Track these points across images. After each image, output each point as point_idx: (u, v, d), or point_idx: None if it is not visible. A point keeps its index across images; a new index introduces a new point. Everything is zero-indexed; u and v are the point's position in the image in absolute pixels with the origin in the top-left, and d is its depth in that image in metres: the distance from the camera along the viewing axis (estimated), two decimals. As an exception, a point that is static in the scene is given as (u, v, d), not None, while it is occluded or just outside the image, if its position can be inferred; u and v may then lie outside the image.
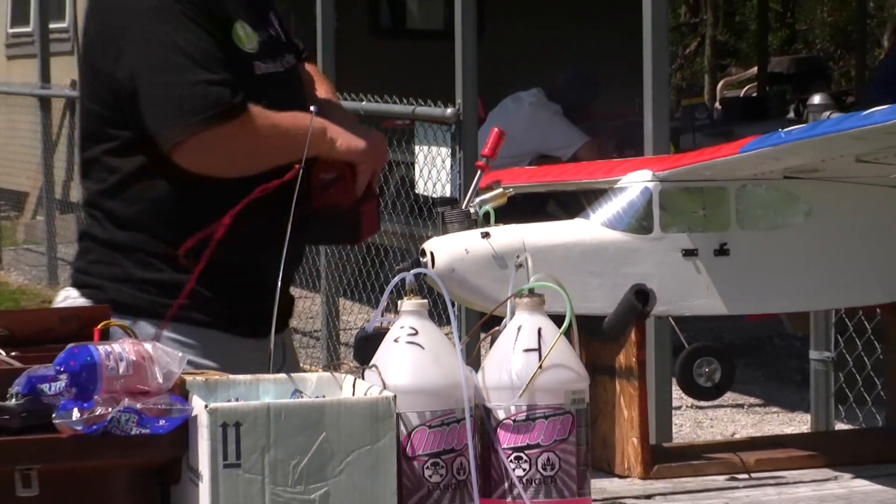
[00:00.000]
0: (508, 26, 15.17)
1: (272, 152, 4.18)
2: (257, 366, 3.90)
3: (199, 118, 4.15)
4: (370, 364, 3.23)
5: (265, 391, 3.26)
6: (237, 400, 3.14)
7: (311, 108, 4.06)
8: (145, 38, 4.27)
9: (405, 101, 8.85)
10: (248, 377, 3.38)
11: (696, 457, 3.80)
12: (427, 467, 3.16)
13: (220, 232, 4.07)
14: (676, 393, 7.74)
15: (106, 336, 3.30)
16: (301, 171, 4.11)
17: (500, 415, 3.24)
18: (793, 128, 3.58)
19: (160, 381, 3.15)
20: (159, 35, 4.25)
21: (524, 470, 3.22)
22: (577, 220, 3.69)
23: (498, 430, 3.23)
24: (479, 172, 3.89)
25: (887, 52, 13.73)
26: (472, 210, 3.68)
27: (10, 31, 17.68)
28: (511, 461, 3.23)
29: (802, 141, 3.52)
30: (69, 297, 4.44)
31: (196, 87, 4.18)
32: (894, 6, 26.99)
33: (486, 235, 3.57)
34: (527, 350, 3.25)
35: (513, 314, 3.32)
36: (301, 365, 5.13)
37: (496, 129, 3.96)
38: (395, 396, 3.08)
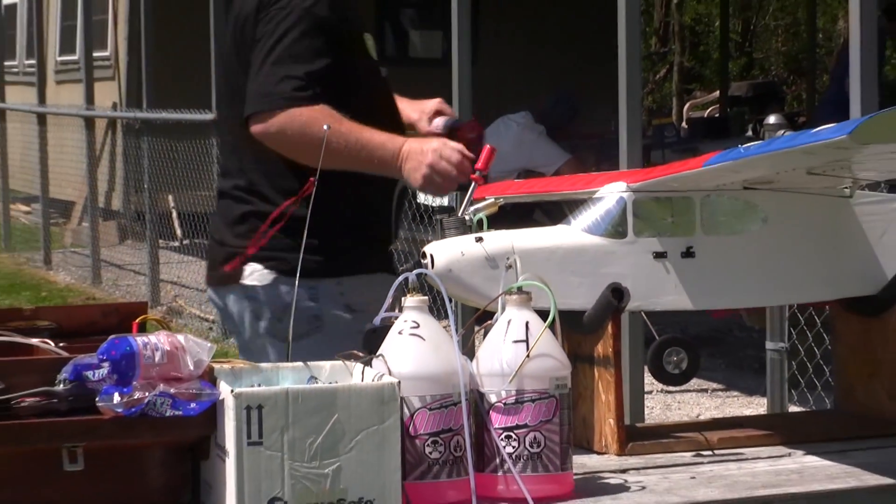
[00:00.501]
0: (500, 55, 15.16)
1: (328, 153, 4.07)
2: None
3: (269, 101, 4.27)
4: (377, 353, 3.24)
5: (284, 377, 3.26)
6: (259, 385, 3.14)
7: (325, 126, 4.06)
8: (267, 29, 4.36)
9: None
10: (268, 365, 3.39)
11: (665, 436, 3.80)
12: (427, 445, 3.16)
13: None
14: (648, 379, 7.74)
15: (143, 328, 3.31)
16: (315, 183, 4.11)
17: (493, 398, 3.24)
18: (750, 144, 3.57)
19: (191, 368, 3.15)
20: (276, 32, 4.33)
21: (513, 447, 3.23)
22: (560, 227, 3.69)
23: (490, 412, 3.24)
24: (473, 184, 3.89)
25: (830, 77, 13.60)
26: (467, 217, 3.68)
27: (59, 58, 17.65)
28: (502, 439, 3.23)
29: (759, 156, 3.52)
30: (255, 271, 4.47)
31: (277, 79, 4.28)
32: (840, 37, 27.03)
33: (479, 240, 3.56)
34: (516, 341, 3.25)
35: (503, 309, 3.33)
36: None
37: (489, 147, 3.96)
38: (399, 382, 3.09)
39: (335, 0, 4.37)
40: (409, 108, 4.64)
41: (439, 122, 4.39)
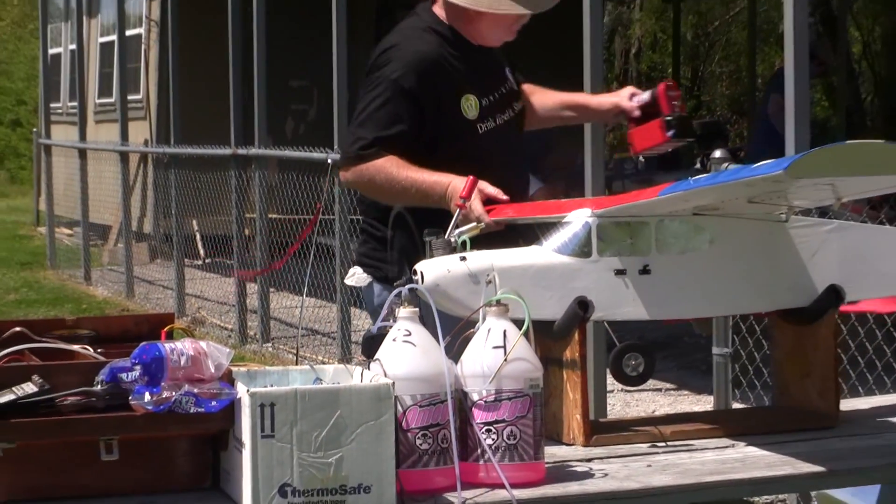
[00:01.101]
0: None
1: (392, 194, 4.33)
2: None
3: (346, 158, 4.50)
4: (374, 358, 3.24)
5: (293, 379, 3.26)
6: (272, 385, 3.14)
7: (329, 159, 4.07)
8: (362, 96, 4.49)
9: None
10: (279, 368, 3.39)
11: (625, 429, 3.80)
12: (418, 437, 3.16)
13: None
14: (609, 380, 7.75)
15: (170, 336, 3.30)
16: (320, 209, 4.10)
17: (475, 397, 3.24)
18: (699, 177, 3.58)
19: (213, 370, 3.16)
20: (366, 99, 4.44)
21: (493, 439, 3.22)
22: (534, 247, 3.69)
23: (473, 408, 3.23)
24: (458, 211, 3.89)
25: (759, 116, 13.41)
26: (452, 239, 3.68)
27: (98, 101, 17.64)
28: (483, 433, 3.23)
29: (706, 187, 3.52)
30: (356, 273, 4.61)
31: (353, 139, 4.44)
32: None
33: (463, 259, 3.56)
34: (495, 347, 3.25)
35: (484, 319, 3.33)
36: (321, 360, 5.12)
37: (471, 177, 3.96)
38: (393, 383, 3.09)
39: (424, 72, 4.35)
40: (610, 98, 4.64)
41: (645, 95, 4.41)
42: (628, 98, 4.49)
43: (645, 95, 4.41)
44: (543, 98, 4.77)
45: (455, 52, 4.45)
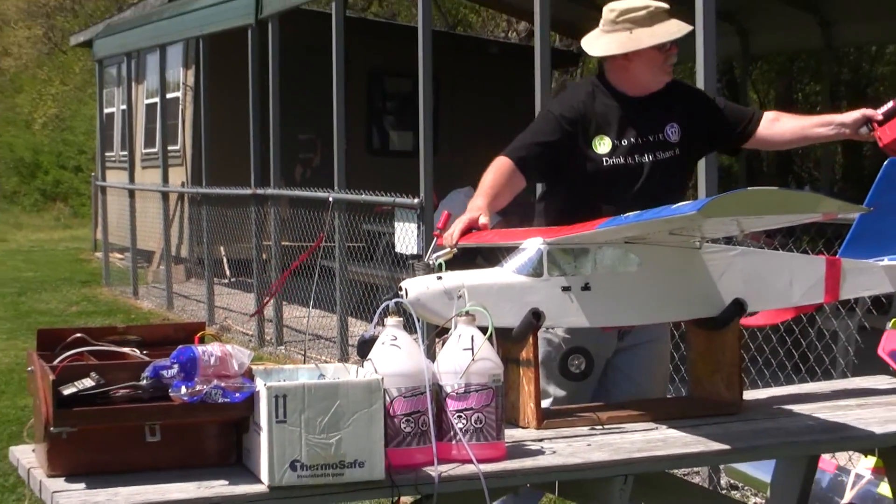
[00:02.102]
0: (454, 147, 15.16)
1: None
2: None
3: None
4: (367, 358, 3.23)
5: (302, 375, 3.26)
6: (284, 381, 3.14)
7: (330, 198, 4.07)
8: None
9: (389, 194, 8.85)
10: (290, 367, 3.38)
11: (569, 415, 3.79)
12: (402, 422, 3.16)
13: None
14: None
15: (202, 340, 3.30)
16: (322, 237, 4.11)
17: (448, 389, 3.24)
18: (630, 214, 3.59)
19: (237, 368, 3.16)
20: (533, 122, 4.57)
21: (463, 424, 3.22)
22: (496, 269, 3.69)
23: (447, 399, 3.24)
24: (434, 239, 3.89)
25: None
26: (430, 262, 3.68)
27: (143, 151, 17.62)
28: (455, 418, 3.23)
29: (635, 223, 3.53)
30: None
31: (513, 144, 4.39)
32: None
33: (439, 278, 3.56)
34: (465, 349, 3.26)
35: (456, 326, 3.33)
36: (324, 360, 5.07)
37: (446, 212, 3.97)
38: (382, 378, 3.09)
39: (572, 108, 4.37)
40: (854, 113, 4.36)
41: (888, 105, 4.24)
42: (860, 119, 4.34)
43: (888, 105, 4.26)
44: (791, 121, 4.54)
45: (607, 101, 4.39)
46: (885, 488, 4.48)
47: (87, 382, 3.12)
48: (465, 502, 3.34)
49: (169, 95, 16.35)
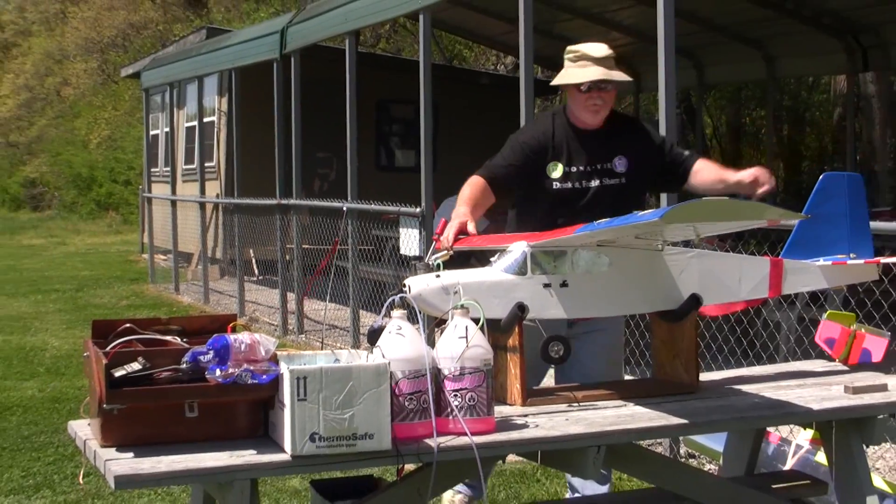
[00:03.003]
0: (451, 164, 15.13)
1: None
2: None
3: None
4: (376, 345, 3.24)
5: (320, 360, 3.25)
6: (305, 364, 3.14)
7: (344, 207, 4.07)
8: None
9: (395, 204, 8.84)
10: (310, 353, 3.38)
11: (550, 394, 3.80)
12: (406, 400, 3.17)
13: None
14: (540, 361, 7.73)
15: (234, 330, 3.30)
16: (337, 242, 4.11)
17: (446, 372, 3.25)
18: (601, 221, 3.59)
19: (264, 354, 3.16)
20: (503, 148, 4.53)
21: (458, 401, 3.23)
22: (487, 268, 3.69)
23: (444, 380, 3.24)
24: (433, 243, 3.89)
25: None
26: (430, 263, 3.69)
27: (184, 166, 17.60)
28: (451, 397, 3.23)
29: (606, 228, 3.54)
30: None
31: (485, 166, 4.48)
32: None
33: (438, 276, 3.56)
34: (460, 337, 3.26)
35: (452, 318, 3.34)
36: (339, 347, 5.07)
37: (443, 220, 3.97)
38: (389, 363, 3.10)
39: (534, 138, 4.44)
40: (739, 176, 4.36)
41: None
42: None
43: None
44: (706, 175, 4.46)
45: (565, 132, 4.43)
46: (821, 457, 4.48)
47: (135, 366, 3.13)
48: (460, 469, 3.35)
49: (206, 119, 16.37)
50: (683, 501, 4.08)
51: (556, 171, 4.39)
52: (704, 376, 4.04)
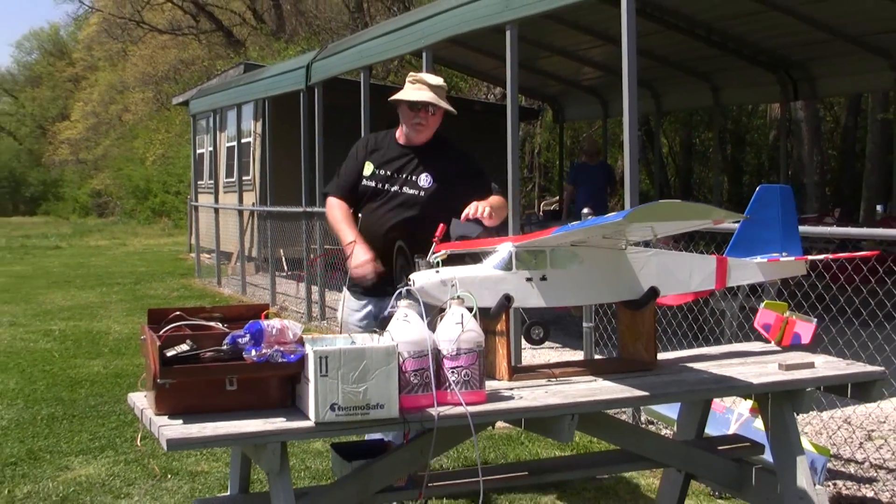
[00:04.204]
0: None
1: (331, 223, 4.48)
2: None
3: (325, 192, 4.57)
4: (386, 330, 3.23)
5: (339, 342, 3.24)
6: (326, 346, 3.13)
7: (359, 214, 4.07)
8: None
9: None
10: (330, 336, 3.37)
11: (532, 371, 3.79)
12: (411, 376, 3.16)
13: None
14: (523, 343, 7.74)
15: (267, 317, 3.29)
16: (354, 243, 4.10)
17: (444, 352, 3.23)
18: (574, 223, 3.59)
19: (292, 337, 3.15)
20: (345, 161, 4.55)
21: (456, 377, 3.21)
22: (479, 265, 3.68)
23: (443, 359, 3.23)
24: (433, 244, 3.89)
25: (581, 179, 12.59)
26: (431, 261, 3.68)
27: (225, 179, 17.59)
28: (449, 373, 3.22)
29: (577, 229, 3.53)
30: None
31: (331, 182, 4.56)
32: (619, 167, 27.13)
33: (438, 272, 3.56)
34: (456, 323, 3.25)
35: (450, 307, 3.33)
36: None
37: (442, 225, 3.96)
38: (397, 344, 3.09)
39: (364, 144, 4.50)
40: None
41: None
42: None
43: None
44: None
45: (388, 143, 4.48)
46: (759, 423, 4.48)
47: (184, 347, 3.12)
48: (456, 434, 3.34)
49: (243, 140, 16.37)
50: (644, 460, 4.08)
51: (367, 170, 4.45)
52: (662, 356, 4.04)
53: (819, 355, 4.12)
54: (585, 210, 6.51)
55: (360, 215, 4.48)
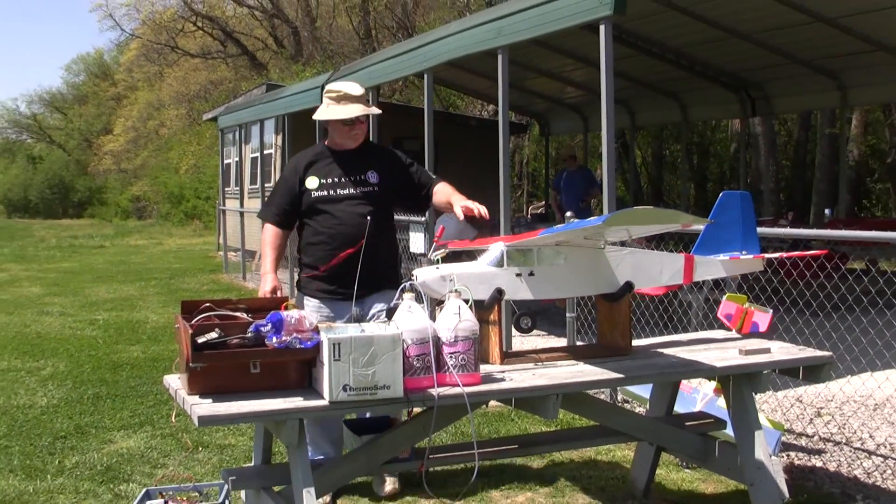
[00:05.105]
0: (448, 182, 15.11)
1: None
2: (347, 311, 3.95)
3: (259, 216, 4.33)
4: (392, 320, 3.22)
5: (350, 330, 3.23)
6: (339, 334, 3.12)
7: (367, 217, 3.98)
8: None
9: (406, 215, 8.82)
10: (342, 324, 3.36)
11: (521, 356, 3.79)
12: (414, 360, 3.15)
13: (328, 266, 4.07)
14: (513, 331, 7.73)
15: (286, 308, 3.29)
16: (362, 244, 4.07)
17: (444, 339, 3.23)
18: (558, 226, 3.58)
19: (308, 326, 3.14)
20: (278, 182, 4.35)
21: (453, 361, 3.21)
22: (474, 262, 3.68)
23: (443, 345, 3.22)
24: (434, 243, 3.88)
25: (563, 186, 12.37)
26: (432, 258, 3.67)
27: (249, 187, 17.57)
28: (448, 357, 3.22)
29: (561, 231, 3.52)
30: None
31: (265, 206, 4.33)
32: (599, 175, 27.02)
33: (437, 268, 3.55)
34: (454, 314, 3.24)
35: (448, 299, 3.32)
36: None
37: (441, 226, 3.96)
38: (401, 332, 3.07)
39: (296, 163, 4.27)
40: (456, 201, 4.15)
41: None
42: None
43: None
44: (439, 197, 4.34)
45: (323, 154, 4.29)
46: (721, 402, 4.47)
47: (213, 335, 3.12)
48: (454, 412, 3.33)
49: (265, 152, 16.35)
50: (620, 435, 4.08)
51: (313, 184, 4.23)
52: (636, 342, 4.04)
53: (774, 342, 4.12)
54: (569, 213, 6.51)
55: (308, 224, 4.27)
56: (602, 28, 5.94)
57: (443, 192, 4.31)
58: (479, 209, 4.07)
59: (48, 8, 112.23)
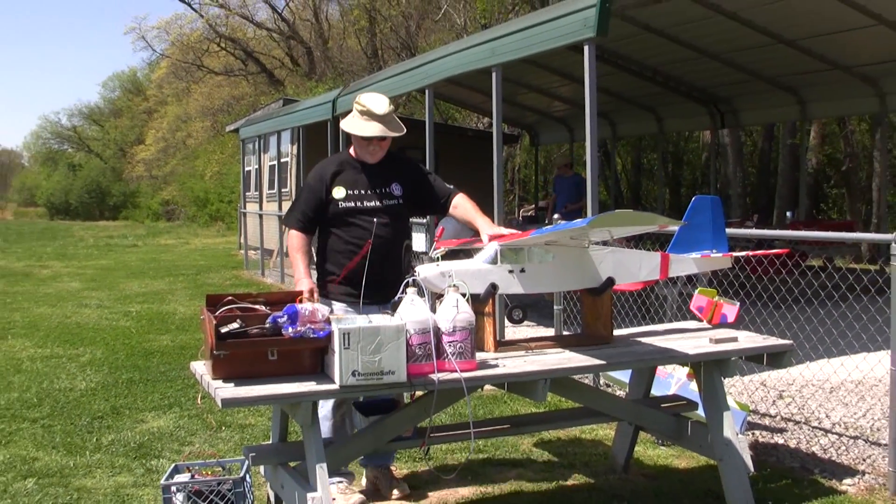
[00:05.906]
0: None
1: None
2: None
3: (284, 222, 3.99)
4: (397, 312, 3.22)
5: (358, 321, 3.22)
6: (348, 325, 3.12)
7: (374, 220, 3.91)
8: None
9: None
10: (353, 316, 3.36)
11: (513, 344, 3.79)
12: (417, 348, 3.15)
13: (347, 269, 3.97)
14: (505, 322, 7.73)
15: (301, 302, 3.28)
16: (370, 243, 3.99)
17: (443, 329, 3.22)
18: (546, 227, 3.57)
19: (321, 317, 3.14)
20: (302, 188, 4.05)
21: (452, 349, 3.21)
22: (471, 259, 3.68)
23: (442, 335, 3.22)
24: (434, 243, 3.87)
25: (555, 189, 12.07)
26: (432, 256, 3.66)
27: (267, 191, 17.54)
28: (447, 346, 3.21)
29: (550, 232, 3.52)
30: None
31: (290, 212, 4.01)
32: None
33: (438, 265, 3.54)
34: (453, 306, 3.24)
35: (447, 293, 3.31)
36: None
37: (441, 227, 3.95)
38: (405, 323, 3.07)
39: (320, 175, 3.98)
40: (485, 229, 3.83)
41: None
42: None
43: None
44: (460, 212, 4.07)
45: (348, 165, 4.00)
46: (694, 386, 4.47)
47: (235, 325, 3.11)
48: (452, 395, 3.33)
49: (282, 160, 16.33)
50: (602, 416, 4.08)
51: (339, 193, 3.94)
52: (617, 332, 4.03)
53: (741, 331, 4.12)
54: (556, 216, 6.51)
55: (333, 233, 4.00)
56: (586, 48, 5.94)
57: (464, 207, 4.06)
58: (506, 233, 3.84)
59: (87, 31, 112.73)
